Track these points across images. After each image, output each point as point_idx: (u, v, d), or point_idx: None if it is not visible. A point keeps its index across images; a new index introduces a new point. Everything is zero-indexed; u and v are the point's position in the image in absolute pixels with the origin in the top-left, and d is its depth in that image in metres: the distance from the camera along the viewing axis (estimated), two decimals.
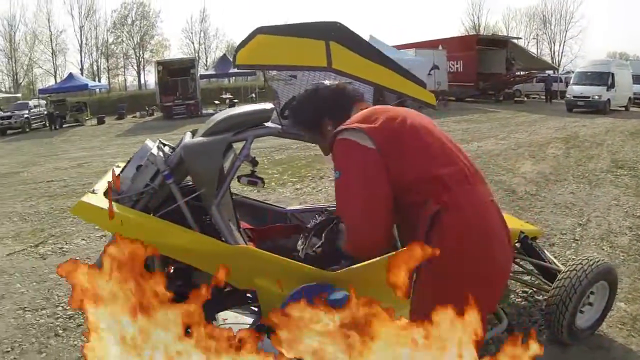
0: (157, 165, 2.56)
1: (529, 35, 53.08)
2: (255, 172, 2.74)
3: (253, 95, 26.72)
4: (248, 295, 2.73)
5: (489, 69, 27.86)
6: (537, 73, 29.70)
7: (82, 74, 42.37)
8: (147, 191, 2.60)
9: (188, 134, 2.98)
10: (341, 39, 2.84)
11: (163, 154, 2.62)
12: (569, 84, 23.03)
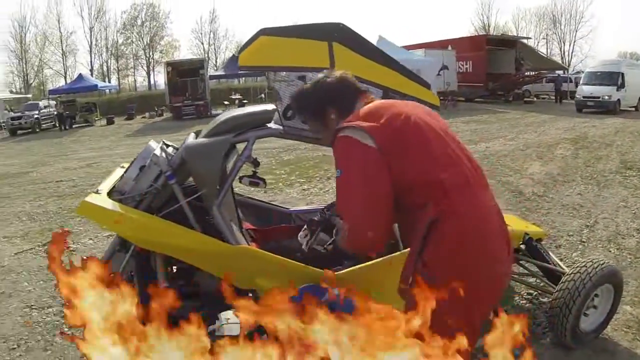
0: (160, 165, 2.58)
1: (538, 35, 52.73)
2: (257, 173, 2.75)
3: (262, 95, 26.69)
4: (250, 295, 2.74)
5: (498, 69, 27.67)
6: (547, 73, 29.44)
7: (92, 74, 42.70)
8: (150, 191, 2.62)
9: (192, 135, 3.00)
10: (344, 40, 2.84)
11: (166, 155, 2.64)
12: (578, 84, 22.82)
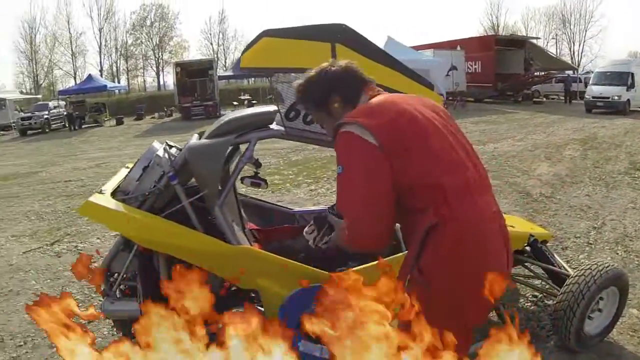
0: (163, 166, 2.60)
1: (548, 35, 52.30)
2: (258, 174, 2.76)
3: (272, 96, 26.65)
4: (252, 295, 2.75)
5: (508, 69, 27.50)
6: (556, 73, 29.22)
7: (102, 75, 43.06)
8: (153, 192, 2.64)
9: (195, 136, 3.02)
10: (347, 41, 2.84)
11: (169, 156, 2.66)
12: (588, 85, 22.59)
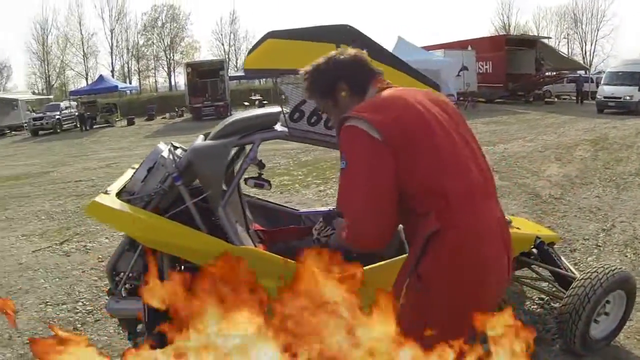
0: (167, 167, 2.62)
1: (559, 35, 51.83)
2: (262, 175, 2.77)
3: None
4: None
5: (519, 69, 27.27)
6: (568, 73, 28.92)
7: (113, 75, 43.46)
8: (158, 192, 2.66)
9: (200, 137, 3.04)
10: (351, 42, 2.83)
11: (173, 157, 2.68)
12: (599, 85, 22.33)
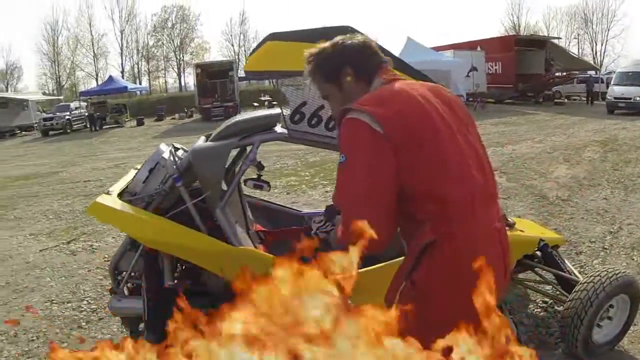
0: (167, 168, 2.64)
1: (570, 35, 51.36)
2: (261, 176, 2.78)
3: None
4: None
5: (528, 70, 27.07)
6: (578, 74, 28.64)
7: (123, 76, 43.78)
8: (159, 193, 2.68)
9: (202, 138, 3.05)
10: None
11: (174, 158, 2.69)
12: (610, 85, 22.09)
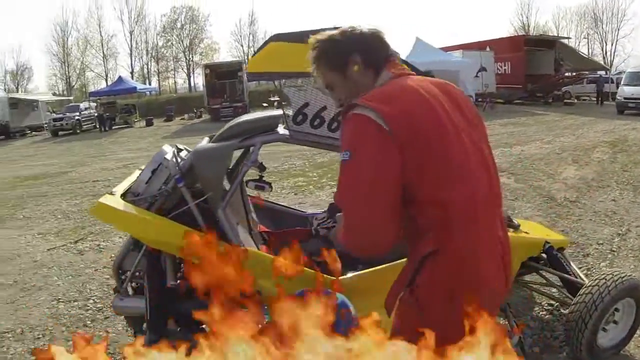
0: (170, 169, 2.65)
1: (579, 35, 50.92)
2: (263, 177, 2.78)
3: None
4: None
5: (538, 70, 26.88)
6: (588, 74, 28.38)
7: (133, 77, 44.07)
8: (161, 194, 2.70)
9: (205, 139, 3.07)
10: None
11: (176, 159, 2.71)
12: (620, 85, 21.82)
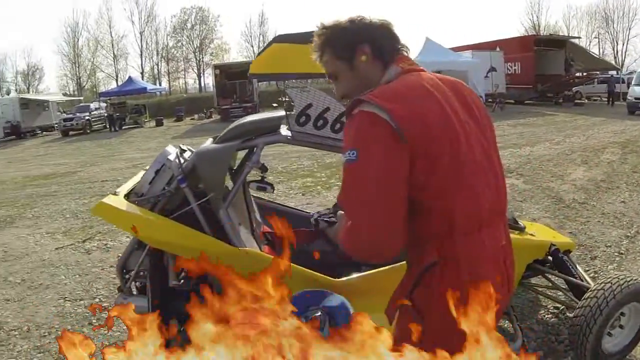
0: (173, 170, 2.66)
1: (590, 34, 50.49)
2: (264, 178, 2.78)
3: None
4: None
5: (548, 70, 26.67)
6: (598, 74, 28.06)
7: (143, 77, 44.41)
8: (164, 194, 2.71)
9: (209, 140, 3.07)
10: None
11: (179, 160, 2.72)
12: (630, 85, 21.53)
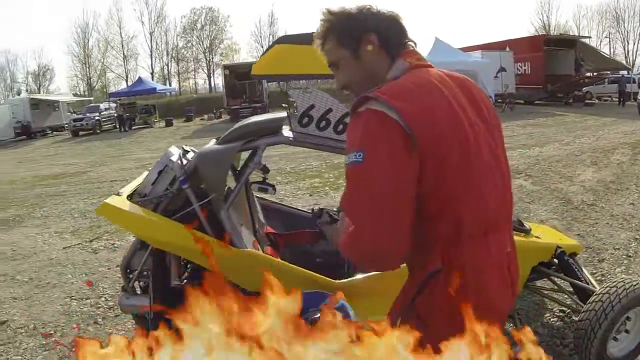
0: (175, 171, 2.68)
1: (601, 34, 49.97)
2: (266, 179, 2.78)
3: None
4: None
5: (558, 70, 26.45)
6: (609, 74, 27.73)
7: (153, 77, 44.71)
8: (166, 195, 2.72)
9: (213, 141, 3.09)
10: None
11: (182, 161, 2.73)
12: None
